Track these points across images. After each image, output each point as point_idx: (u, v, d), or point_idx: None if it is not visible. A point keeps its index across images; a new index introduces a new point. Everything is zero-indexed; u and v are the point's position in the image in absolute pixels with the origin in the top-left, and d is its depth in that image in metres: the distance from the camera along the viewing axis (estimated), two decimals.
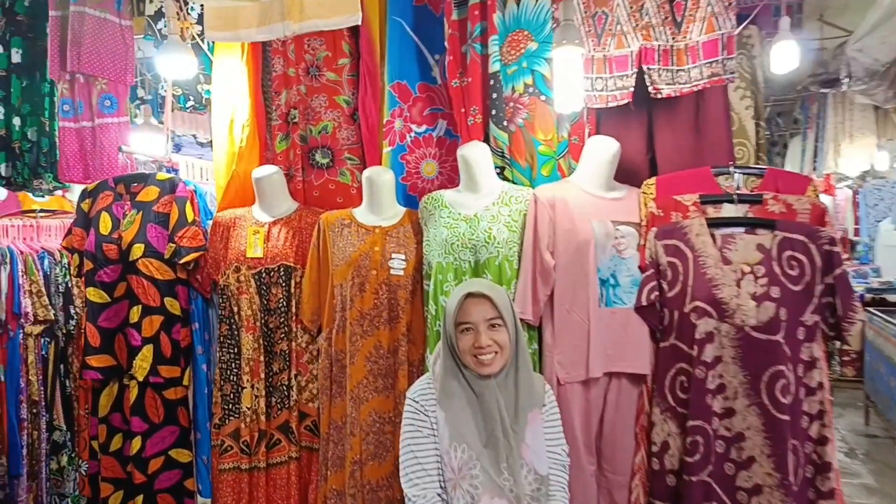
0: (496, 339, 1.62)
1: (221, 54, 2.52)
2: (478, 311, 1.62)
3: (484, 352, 1.60)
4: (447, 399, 1.65)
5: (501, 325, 1.63)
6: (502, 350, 1.63)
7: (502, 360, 1.63)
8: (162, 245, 2.40)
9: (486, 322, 1.62)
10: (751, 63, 2.46)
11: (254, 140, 2.49)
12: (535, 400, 1.68)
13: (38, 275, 3.12)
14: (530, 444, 1.63)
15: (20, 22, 3.15)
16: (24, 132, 3.16)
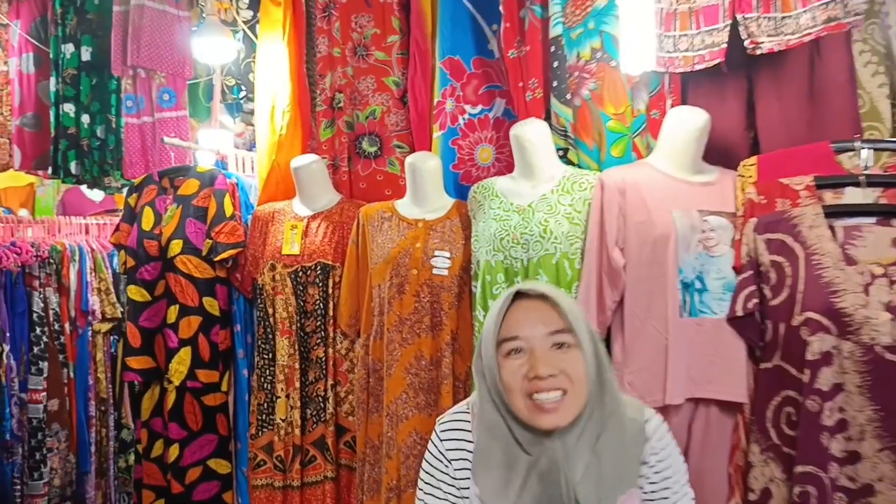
0: (564, 367, 1.00)
1: (265, 37, 2.35)
2: (533, 322, 1.02)
3: (543, 387, 0.99)
4: (484, 470, 1.07)
5: (572, 346, 1.02)
6: (574, 386, 1.00)
7: (576, 403, 1.01)
8: (200, 241, 2.25)
9: (545, 338, 1.01)
10: (885, 33, 1.95)
11: (295, 127, 2.29)
12: (628, 473, 1.05)
13: (106, 272, 3.11)
14: None
15: (90, 20, 3.16)
16: (92, 129, 3.17)
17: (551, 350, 1.01)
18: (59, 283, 3.12)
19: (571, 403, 1.00)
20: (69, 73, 3.17)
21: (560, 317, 1.02)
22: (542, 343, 1.01)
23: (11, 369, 2.96)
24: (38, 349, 3.04)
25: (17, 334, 2.99)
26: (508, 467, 1.05)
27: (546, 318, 1.02)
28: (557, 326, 1.02)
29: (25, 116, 3.36)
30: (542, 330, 1.02)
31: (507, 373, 1.02)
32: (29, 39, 3.34)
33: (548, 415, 1.00)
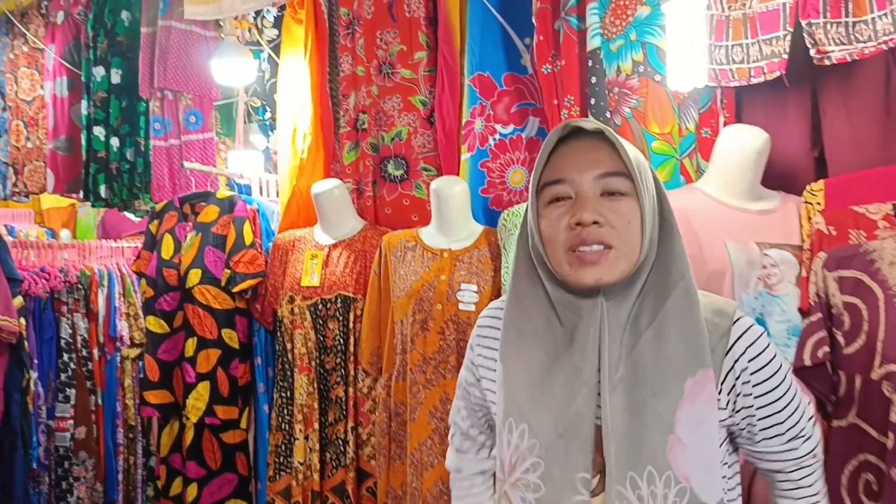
0: (612, 217, 0.81)
1: (287, 56, 2.25)
2: (583, 163, 0.83)
3: (585, 237, 0.81)
4: (511, 343, 0.89)
5: (627, 194, 0.82)
6: (622, 240, 0.81)
7: (623, 260, 0.81)
8: (219, 270, 2.15)
9: (595, 181, 0.82)
10: None
11: (317, 151, 2.18)
12: (697, 354, 0.81)
13: (135, 297, 3.06)
14: (685, 438, 0.80)
15: (120, 42, 3.14)
16: (122, 153, 3.13)
17: (601, 197, 0.83)
18: (88, 308, 3.08)
19: (616, 259, 0.81)
20: (99, 97, 3.15)
21: (617, 158, 0.82)
22: (591, 187, 0.82)
23: (39, 396, 2.93)
24: (66, 376, 3.00)
25: (45, 361, 2.96)
26: (538, 342, 0.86)
27: (599, 159, 0.83)
28: (611, 168, 0.82)
29: (59, 140, 3.36)
30: (592, 172, 0.82)
31: (547, 222, 0.84)
32: (63, 63, 3.35)
33: (590, 267, 0.81)
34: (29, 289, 2.90)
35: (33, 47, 3.57)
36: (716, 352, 0.83)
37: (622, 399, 0.80)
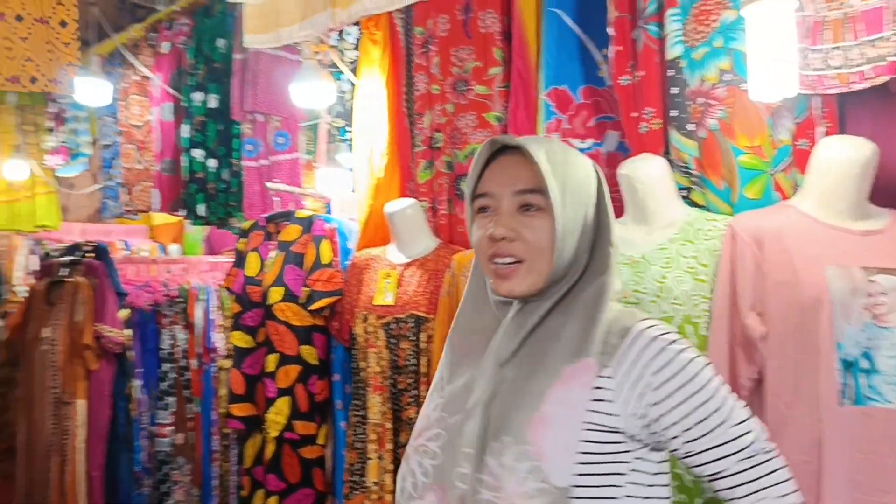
0: (524, 231, 0.87)
1: (363, 77, 2.28)
2: (504, 179, 0.89)
3: (498, 251, 0.87)
4: (455, 330, 1.00)
5: (542, 209, 0.87)
6: (532, 254, 0.86)
7: (532, 274, 0.87)
8: (299, 288, 2.21)
9: (513, 197, 0.88)
10: None
11: (393, 170, 2.19)
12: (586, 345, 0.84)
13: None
14: (549, 417, 0.82)
15: (217, 69, 3.31)
16: (218, 173, 3.30)
17: (518, 212, 0.88)
18: (187, 320, 3.27)
19: (526, 273, 0.87)
20: (198, 120, 3.34)
21: (532, 171, 0.87)
22: (509, 202, 0.89)
23: (142, 403, 3.13)
24: (166, 384, 3.18)
25: (148, 370, 3.16)
26: (476, 331, 0.95)
27: (519, 175, 0.89)
28: (527, 185, 0.88)
29: (164, 162, 3.60)
30: (510, 188, 0.89)
31: (475, 233, 0.93)
32: (167, 90, 3.58)
33: (503, 280, 0.89)
34: (133, 302, 3.11)
35: (142, 76, 3.84)
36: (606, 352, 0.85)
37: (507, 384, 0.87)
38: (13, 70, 1.94)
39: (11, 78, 1.95)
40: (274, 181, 2.64)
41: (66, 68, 1.98)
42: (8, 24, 1.92)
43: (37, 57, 1.95)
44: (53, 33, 2.02)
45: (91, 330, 2.85)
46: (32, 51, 1.94)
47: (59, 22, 2.03)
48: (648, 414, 0.83)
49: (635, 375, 0.83)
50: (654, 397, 0.83)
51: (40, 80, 2.00)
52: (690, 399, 0.83)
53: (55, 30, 2.03)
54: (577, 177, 0.89)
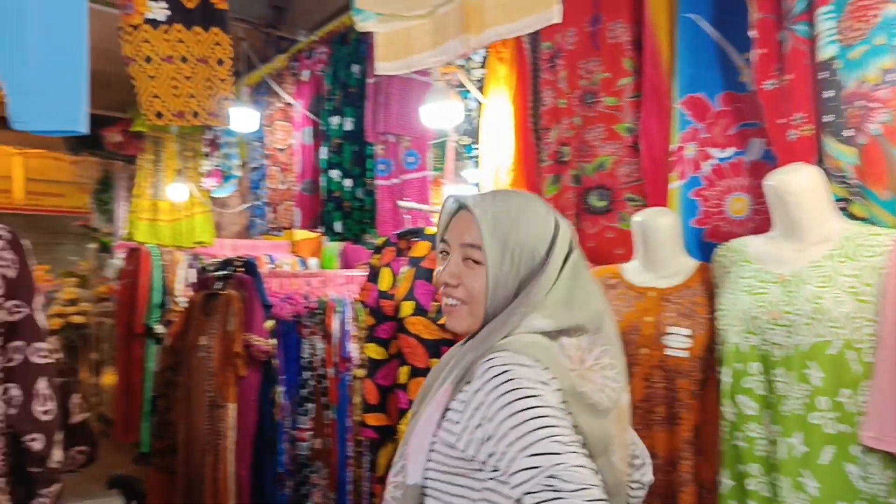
0: (466, 280, 1.02)
1: (491, 96, 2.31)
2: (457, 230, 1.05)
3: (444, 292, 1.05)
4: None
5: (479, 263, 1.01)
6: (471, 300, 1.01)
7: (470, 316, 1.02)
8: (428, 303, 2.26)
9: (460, 248, 1.04)
10: None
11: (519, 186, 2.20)
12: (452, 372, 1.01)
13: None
14: (418, 430, 1.01)
15: (352, 94, 3.51)
16: (353, 192, 3.49)
17: (463, 261, 1.03)
18: (325, 331, 3.45)
19: (465, 315, 1.03)
20: (335, 143, 3.55)
21: (476, 228, 1.01)
22: (457, 252, 1.04)
23: (285, 409, 3.34)
24: (306, 391, 3.38)
25: (290, 377, 3.37)
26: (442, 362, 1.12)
27: (466, 230, 1.03)
28: (471, 241, 1.02)
29: (305, 182, 3.85)
30: (459, 240, 1.04)
31: (436, 271, 1.08)
32: (308, 115, 3.84)
33: (448, 317, 1.06)
34: (277, 313, 3.34)
35: (286, 103, 4.15)
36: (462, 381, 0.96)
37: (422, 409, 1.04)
38: (179, 106, 2.19)
39: (177, 114, 2.20)
40: (405, 199, 2.73)
41: (223, 102, 2.20)
42: (175, 65, 2.18)
43: (198, 93, 2.19)
44: (212, 71, 2.25)
45: (241, 339, 3.09)
46: (194, 88, 2.18)
47: (216, 61, 2.25)
48: (481, 433, 0.91)
49: (475, 402, 0.92)
50: (482, 418, 0.91)
51: (201, 114, 2.24)
52: (500, 425, 0.88)
53: (213, 68, 2.26)
54: (522, 236, 1.00)
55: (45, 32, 1.45)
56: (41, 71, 1.45)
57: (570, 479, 0.80)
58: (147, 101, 2.17)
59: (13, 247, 1.06)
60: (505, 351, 0.93)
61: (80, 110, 1.48)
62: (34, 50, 1.45)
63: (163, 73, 2.15)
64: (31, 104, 1.46)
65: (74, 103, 1.48)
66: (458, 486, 0.94)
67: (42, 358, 0.97)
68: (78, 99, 1.48)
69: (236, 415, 3.14)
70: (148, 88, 2.15)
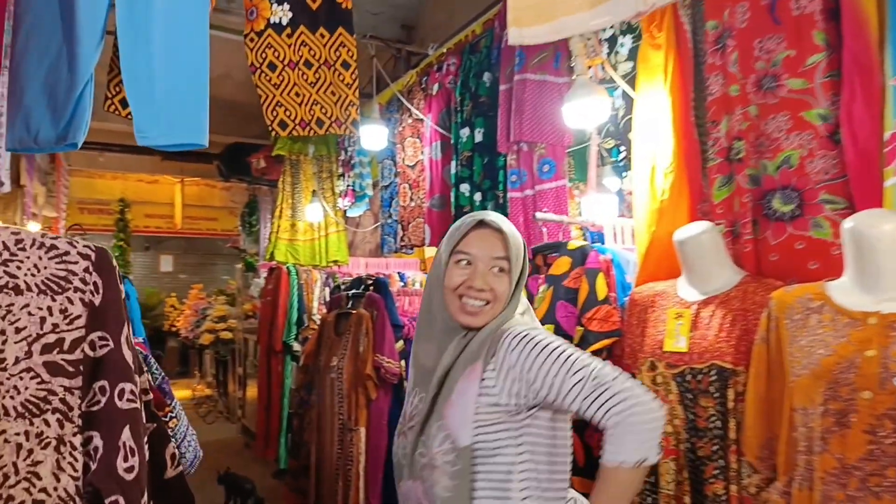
0: (495, 286, 1.29)
1: (643, 87, 2.01)
2: (485, 245, 1.30)
3: (475, 296, 1.28)
4: (419, 335, 1.38)
5: (506, 271, 1.30)
6: (496, 301, 1.29)
7: (492, 313, 1.29)
8: (572, 327, 1.99)
9: (490, 260, 1.30)
10: None
11: (680, 190, 1.87)
12: (479, 351, 1.25)
13: None
14: (455, 401, 1.23)
15: (482, 103, 3.33)
16: (484, 206, 3.28)
17: (490, 270, 1.29)
18: None
19: (489, 313, 1.29)
20: (465, 156, 3.38)
21: (506, 247, 1.30)
22: (485, 263, 1.29)
23: None
24: None
25: None
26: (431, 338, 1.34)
27: (495, 246, 1.30)
28: (502, 254, 1.30)
29: (434, 198, 3.72)
30: (489, 253, 1.29)
31: (451, 276, 1.30)
32: (437, 129, 3.71)
33: (471, 316, 1.28)
34: (409, 333, 3.20)
35: (415, 119, 4.06)
36: (487, 355, 1.24)
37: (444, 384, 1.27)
38: (303, 115, 2.11)
39: (301, 122, 2.12)
40: (541, 211, 2.48)
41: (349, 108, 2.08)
42: (299, 71, 2.09)
43: (322, 100, 2.09)
44: (337, 75, 2.15)
45: (372, 360, 2.98)
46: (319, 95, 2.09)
47: (341, 63, 2.15)
48: (521, 387, 1.19)
49: (506, 366, 1.20)
50: (520, 375, 1.18)
51: (325, 122, 2.14)
52: (541, 368, 1.17)
53: (338, 71, 2.15)
54: (521, 248, 1.32)
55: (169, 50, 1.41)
56: (165, 87, 1.41)
57: (607, 374, 1.15)
58: (271, 112, 2.11)
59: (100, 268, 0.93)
60: (513, 328, 1.24)
61: (202, 124, 1.42)
62: (159, 67, 1.41)
63: (286, 80, 2.09)
64: (155, 119, 1.41)
65: (197, 117, 1.42)
66: (501, 434, 1.20)
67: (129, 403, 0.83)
68: (200, 113, 1.42)
69: (366, 439, 3.02)
70: (272, 97, 2.09)
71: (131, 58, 1.42)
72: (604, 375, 1.14)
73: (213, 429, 7.15)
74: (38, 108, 1.43)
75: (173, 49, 1.43)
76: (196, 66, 1.44)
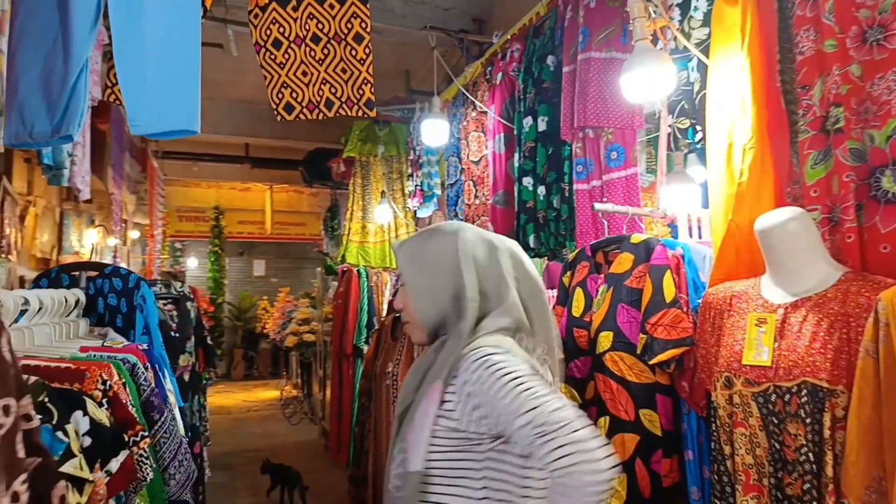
0: (402, 302, 1.29)
1: (717, 51, 1.71)
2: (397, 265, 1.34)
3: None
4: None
5: (405, 286, 1.28)
6: (409, 316, 1.27)
7: (414, 330, 1.28)
8: (635, 334, 1.71)
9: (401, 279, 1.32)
10: None
11: (763, 169, 1.55)
12: (440, 370, 1.16)
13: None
14: (416, 422, 1.16)
15: (546, 89, 3.07)
16: (548, 201, 3.03)
17: (402, 288, 1.30)
18: None
19: (414, 329, 1.28)
20: (528, 147, 3.14)
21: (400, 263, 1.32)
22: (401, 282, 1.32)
23: None
24: None
25: None
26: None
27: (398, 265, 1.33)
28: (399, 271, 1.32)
29: (497, 194, 3.49)
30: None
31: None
32: (500, 121, 3.49)
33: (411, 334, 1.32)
34: None
35: (480, 112, 3.85)
36: (449, 377, 1.14)
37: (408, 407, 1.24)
38: (310, 96, 1.93)
39: (308, 105, 1.95)
40: (613, 200, 2.20)
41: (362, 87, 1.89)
42: (307, 47, 1.92)
43: (332, 78, 1.91)
44: (348, 50, 1.96)
45: None
46: (327, 72, 1.91)
47: (353, 37, 1.95)
48: (478, 413, 1.10)
49: (466, 390, 1.11)
50: (477, 401, 1.09)
51: (335, 103, 1.95)
52: (493, 399, 1.07)
53: (350, 45, 1.96)
54: (430, 261, 1.24)
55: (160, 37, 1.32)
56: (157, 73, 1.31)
57: (559, 418, 1.00)
58: (276, 94, 1.95)
59: None
60: (478, 347, 1.13)
61: (194, 111, 1.30)
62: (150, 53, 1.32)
63: (292, 58, 1.92)
64: (146, 107, 1.30)
65: (189, 104, 1.30)
66: (461, 462, 1.11)
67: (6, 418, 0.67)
68: (192, 99, 1.31)
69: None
70: (277, 78, 1.93)
71: (122, 43, 1.32)
72: (554, 421, 1.00)
73: (297, 430, 7.26)
74: (32, 100, 1.37)
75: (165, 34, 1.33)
76: (188, 51, 1.33)
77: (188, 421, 2.84)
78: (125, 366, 1.22)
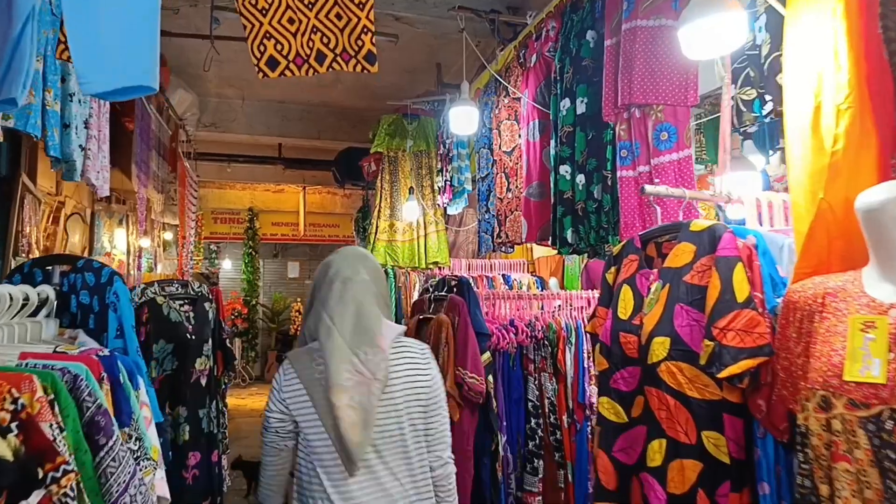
0: None
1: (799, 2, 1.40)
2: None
3: None
4: None
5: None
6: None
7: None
8: (697, 341, 1.41)
9: None
10: None
11: (861, 135, 1.24)
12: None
13: None
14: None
15: (585, 67, 2.78)
16: (588, 191, 2.73)
17: None
18: (555, 367, 2.74)
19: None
20: (565, 132, 2.85)
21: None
22: None
23: (508, 463, 2.68)
24: (534, 444, 2.69)
25: (513, 424, 2.71)
26: None
27: None
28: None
29: (532, 186, 3.21)
30: None
31: None
32: (535, 106, 3.20)
33: None
34: (497, 343, 2.72)
35: (512, 98, 3.58)
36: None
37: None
38: (297, 47, 1.66)
39: (296, 59, 1.67)
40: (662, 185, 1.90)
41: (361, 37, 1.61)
42: None
43: (324, 26, 1.63)
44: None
45: (453, 375, 2.52)
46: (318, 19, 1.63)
47: None
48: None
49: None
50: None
51: (328, 55, 1.67)
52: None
53: None
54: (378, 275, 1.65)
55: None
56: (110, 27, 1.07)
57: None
58: (257, 47, 1.68)
59: None
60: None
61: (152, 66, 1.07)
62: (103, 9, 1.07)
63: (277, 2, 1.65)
64: (99, 63, 1.08)
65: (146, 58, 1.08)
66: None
67: None
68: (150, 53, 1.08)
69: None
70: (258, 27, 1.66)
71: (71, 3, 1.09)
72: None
73: None
74: None
75: None
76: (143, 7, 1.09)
77: (205, 427, 2.64)
78: (64, 377, 0.98)
